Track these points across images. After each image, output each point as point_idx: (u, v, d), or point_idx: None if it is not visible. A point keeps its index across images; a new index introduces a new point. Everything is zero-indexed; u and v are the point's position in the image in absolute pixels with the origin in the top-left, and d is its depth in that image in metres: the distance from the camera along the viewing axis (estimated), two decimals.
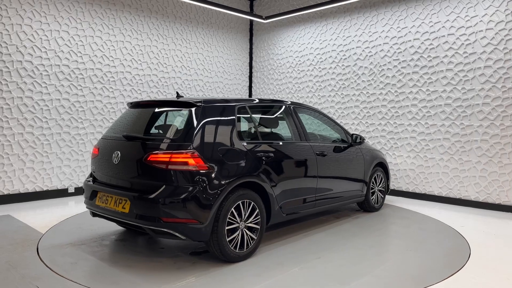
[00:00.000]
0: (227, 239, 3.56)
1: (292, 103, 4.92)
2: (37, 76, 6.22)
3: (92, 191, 3.96)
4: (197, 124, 3.62)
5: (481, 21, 6.14)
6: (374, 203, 5.85)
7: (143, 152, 3.57)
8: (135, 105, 4.29)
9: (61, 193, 6.53)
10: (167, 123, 4.22)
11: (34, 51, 6.16)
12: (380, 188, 6.00)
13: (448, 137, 6.51)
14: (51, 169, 6.43)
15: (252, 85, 9.83)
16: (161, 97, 7.89)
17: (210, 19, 8.83)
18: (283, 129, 4.80)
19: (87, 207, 4.09)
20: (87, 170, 6.85)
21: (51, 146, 6.42)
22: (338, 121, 7.98)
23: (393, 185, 7.21)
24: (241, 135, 3.98)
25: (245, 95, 9.79)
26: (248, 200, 3.75)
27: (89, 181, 4.12)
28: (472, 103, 6.25)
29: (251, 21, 9.78)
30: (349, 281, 3.30)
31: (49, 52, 6.32)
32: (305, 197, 4.54)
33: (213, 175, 3.50)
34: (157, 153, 3.48)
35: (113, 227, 4.73)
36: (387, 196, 6.96)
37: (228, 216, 3.56)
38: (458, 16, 6.37)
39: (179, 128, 3.76)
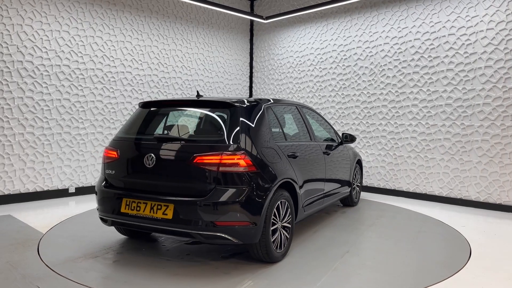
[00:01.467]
0: (271, 240, 3.57)
1: (298, 103, 5.03)
2: (38, 76, 6.22)
3: (116, 198, 3.60)
4: (240, 125, 3.54)
5: (482, 21, 6.13)
6: (354, 198, 6.16)
7: (186, 154, 3.41)
8: (158, 104, 4.05)
9: (61, 193, 6.54)
10: (203, 123, 4.10)
11: (34, 51, 6.17)
12: (357, 184, 6.30)
13: (448, 137, 6.50)
14: (52, 169, 6.43)
15: (253, 85, 9.83)
16: (161, 97, 7.89)
17: (210, 19, 8.83)
18: (298, 129, 4.89)
19: (103, 216, 3.72)
20: (88, 170, 6.85)
21: (52, 146, 6.42)
22: (339, 121, 7.98)
23: (394, 185, 7.21)
24: (273, 136, 4.01)
25: (246, 95, 9.79)
26: (284, 200, 3.77)
27: (106, 187, 3.75)
28: (472, 103, 6.25)
29: (252, 21, 9.78)
30: (394, 271, 3.55)
31: (49, 52, 6.32)
32: (317, 194, 4.70)
33: (261, 176, 3.46)
34: (205, 155, 3.34)
35: (115, 234, 4.72)
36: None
37: (272, 216, 3.57)
38: (459, 16, 6.37)
39: (219, 129, 3.65)
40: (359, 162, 6.32)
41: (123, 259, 3.77)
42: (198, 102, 3.90)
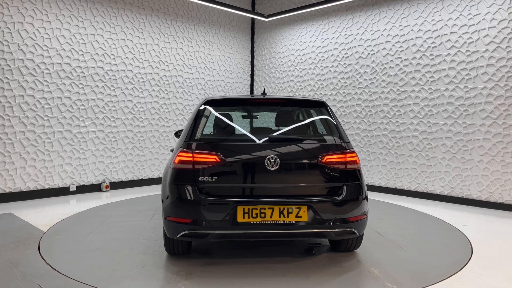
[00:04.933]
0: None
1: None
2: (39, 75, 6.22)
3: (226, 208, 3.21)
4: (339, 123, 3.72)
5: (484, 19, 6.10)
6: None
7: (312, 153, 3.44)
8: (244, 102, 4.01)
9: (62, 191, 6.54)
10: (308, 122, 4.10)
11: (35, 50, 6.16)
12: None
13: (450, 136, 6.48)
14: (53, 167, 6.43)
15: (254, 83, 9.81)
16: (163, 95, 7.88)
17: (211, 17, 8.81)
18: None
19: (203, 231, 3.24)
20: (89, 168, 6.85)
21: (53, 145, 6.42)
22: (340, 120, 7.97)
23: (395, 184, 7.20)
24: None
25: (247, 94, 9.77)
26: None
27: (205, 197, 3.27)
28: (474, 102, 6.22)
29: (253, 19, 9.75)
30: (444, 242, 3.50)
31: (50, 50, 6.32)
32: None
33: (361, 172, 3.63)
34: (333, 154, 3.44)
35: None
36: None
37: None
38: (461, 14, 6.34)
39: (326, 127, 3.75)
40: None
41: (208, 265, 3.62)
42: (290, 101, 3.96)
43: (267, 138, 3.49)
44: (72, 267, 3.46)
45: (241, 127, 3.85)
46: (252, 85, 9.82)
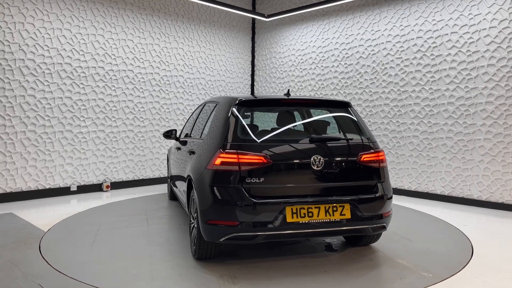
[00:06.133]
0: None
1: None
2: (40, 75, 6.22)
3: (274, 209, 3.21)
4: (364, 123, 3.86)
5: (485, 19, 6.10)
6: None
7: (350, 153, 3.56)
8: (276, 103, 4.04)
9: (63, 191, 6.55)
10: (338, 122, 4.13)
11: (36, 50, 6.17)
12: None
13: (451, 135, 6.48)
14: (54, 167, 6.44)
15: (254, 83, 9.81)
16: (163, 95, 7.89)
17: (212, 17, 8.81)
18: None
19: (251, 233, 3.20)
20: (89, 168, 6.85)
21: (54, 145, 6.43)
22: None
23: (396, 184, 7.19)
24: None
25: (248, 94, 9.78)
26: None
27: (254, 198, 3.22)
28: (475, 102, 6.22)
29: (254, 19, 9.76)
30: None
31: (51, 50, 6.33)
32: None
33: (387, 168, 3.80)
34: (369, 153, 3.60)
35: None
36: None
37: None
38: (462, 14, 6.34)
39: (354, 127, 3.84)
40: None
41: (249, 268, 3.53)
42: (320, 102, 4.05)
43: (308, 138, 3.53)
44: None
45: (279, 128, 3.86)
46: (252, 85, 9.82)
